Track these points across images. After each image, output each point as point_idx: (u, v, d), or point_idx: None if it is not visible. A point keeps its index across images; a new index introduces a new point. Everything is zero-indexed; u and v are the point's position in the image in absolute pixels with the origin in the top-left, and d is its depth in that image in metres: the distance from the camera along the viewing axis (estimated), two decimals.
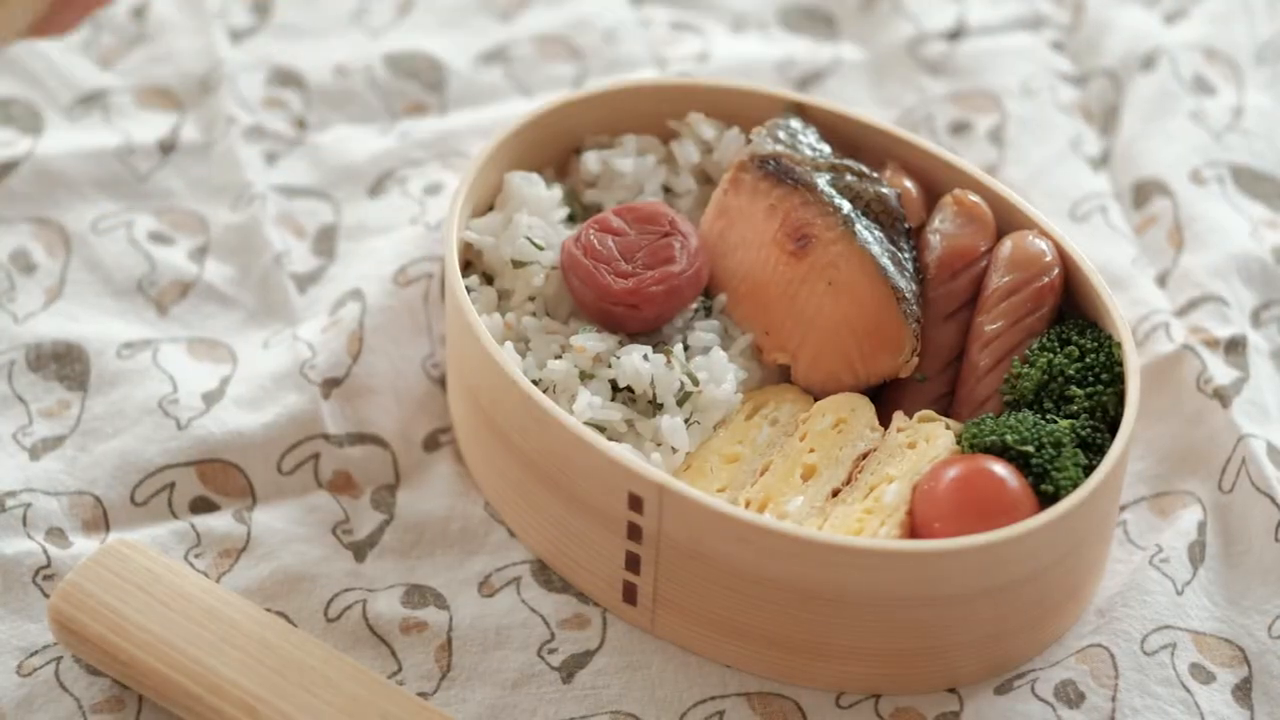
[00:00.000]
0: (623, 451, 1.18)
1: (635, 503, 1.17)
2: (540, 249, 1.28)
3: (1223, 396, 1.31)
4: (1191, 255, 1.42)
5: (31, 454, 1.31)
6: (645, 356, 1.23)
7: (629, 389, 1.23)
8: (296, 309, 1.40)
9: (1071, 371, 1.21)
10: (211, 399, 1.34)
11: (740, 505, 1.19)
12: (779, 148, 1.29)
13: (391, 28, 1.60)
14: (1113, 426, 1.20)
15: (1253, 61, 1.57)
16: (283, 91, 1.54)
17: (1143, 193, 1.47)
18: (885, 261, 1.24)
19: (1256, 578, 1.25)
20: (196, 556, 1.27)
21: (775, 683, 1.21)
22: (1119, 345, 1.22)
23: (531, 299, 1.28)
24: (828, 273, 1.25)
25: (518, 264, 1.28)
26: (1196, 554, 1.26)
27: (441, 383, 1.36)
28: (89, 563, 1.22)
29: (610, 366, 1.24)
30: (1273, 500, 1.26)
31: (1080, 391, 1.21)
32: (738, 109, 1.36)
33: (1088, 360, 1.22)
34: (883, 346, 1.24)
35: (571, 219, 1.33)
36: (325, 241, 1.45)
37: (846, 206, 1.26)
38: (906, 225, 1.27)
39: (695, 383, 1.23)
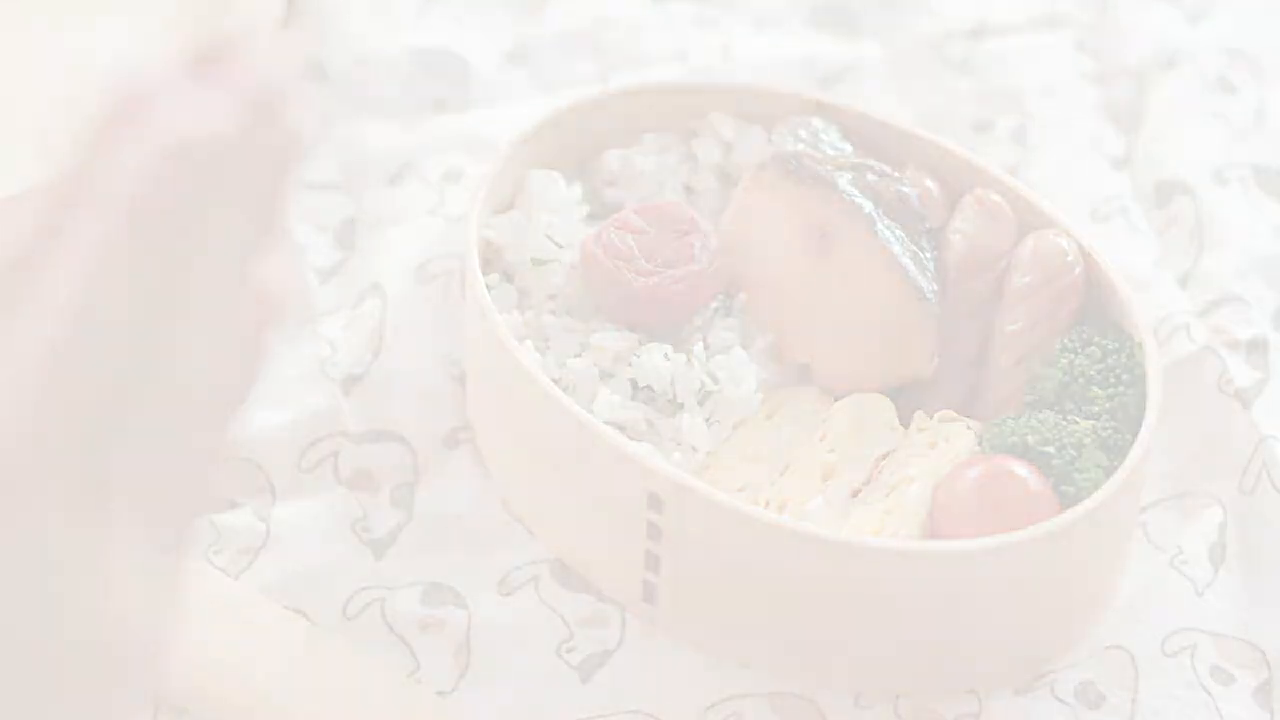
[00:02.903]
0: (642, 450, 1.18)
1: (655, 502, 1.16)
2: (560, 247, 1.28)
3: (1244, 398, 1.31)
4: (1213, 256, 1.41)
5: None
6: (665, 355, 1.23)
7: (649, 388, 1.23)
8: (318, 303, 1.40)
9: (1093, 372, 1.21)
10: None
11: (760, 505, 1.19)
12: (800, 146, 1.29)
13: (414, 23, 1.59)
14: (1134, 428, 1.20)
15: (1276, 61, 1.56)
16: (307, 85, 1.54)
17: (1164, 193, 1.47)
18: (906, 261, 1.24)
19: (1277, 580, 1.25)
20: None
21: (794, 682, 1.21)
22: (1140, 346, 1.21)
23: (551, 297, 1.28)
24: (848, 272, 1.24)
25: (538, 262, 1.28)
26: (1217, 555, 1.26)
27: (461, 380, 1.36)
28: None
29: (630, 365, 1.23)
30: None
31: (1102, 393, 1.20)
32: (759, 108, 1.35)
33: (1109, 361, 1.21)
34: (903, 346, 1.24)
35: (591, 217, 1.33)
36: (346, 234, 1.45)
37: (868, 206, 1.26)
38: (928, 225, 1.27)
39: (715, 382, 1.23)
